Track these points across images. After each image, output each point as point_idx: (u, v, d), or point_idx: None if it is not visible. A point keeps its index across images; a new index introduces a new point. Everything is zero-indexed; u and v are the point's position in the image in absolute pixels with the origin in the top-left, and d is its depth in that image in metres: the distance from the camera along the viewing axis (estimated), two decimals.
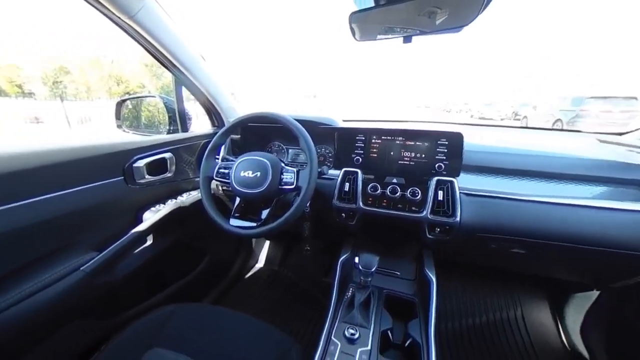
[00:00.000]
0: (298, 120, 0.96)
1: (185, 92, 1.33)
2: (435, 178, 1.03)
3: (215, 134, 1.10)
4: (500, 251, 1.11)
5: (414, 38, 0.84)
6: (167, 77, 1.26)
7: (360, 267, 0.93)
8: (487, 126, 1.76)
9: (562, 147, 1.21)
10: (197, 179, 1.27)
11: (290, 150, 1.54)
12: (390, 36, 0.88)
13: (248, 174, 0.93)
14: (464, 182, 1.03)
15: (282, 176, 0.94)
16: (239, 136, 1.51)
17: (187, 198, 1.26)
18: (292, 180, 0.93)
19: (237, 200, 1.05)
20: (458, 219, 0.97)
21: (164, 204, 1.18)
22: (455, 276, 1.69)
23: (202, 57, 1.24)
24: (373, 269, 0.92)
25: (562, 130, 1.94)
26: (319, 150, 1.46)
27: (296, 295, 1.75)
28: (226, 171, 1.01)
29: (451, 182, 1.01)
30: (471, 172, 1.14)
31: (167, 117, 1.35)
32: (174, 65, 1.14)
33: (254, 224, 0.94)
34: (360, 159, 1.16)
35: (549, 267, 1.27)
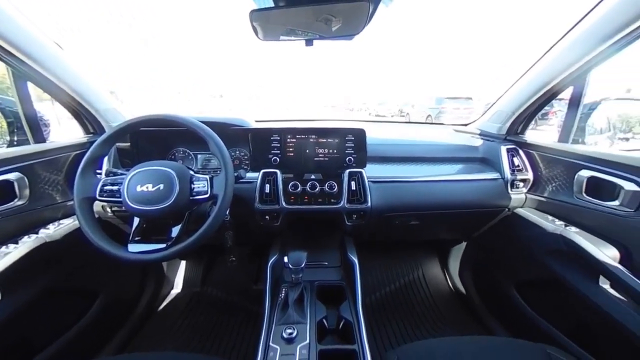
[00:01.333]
0: (206, 123, 0.87)
1: (37, 91, 1.00)
2: (347, 170, 1.15)
3: (91, 142, 0.87)
4: (402, 226, 1.35)
5: (315, 42, 0.92)
6: None
7: (290, 266, 0.94)
8: (381, 122, 2.08)
9: (433, 136, 1.58)
10: (70, 203, 0.98)
11: (199, 156, 1.38)
12: (292, 38, 0.91)
13: (147, 187, 0.78)
14: (369, 171, 1.19)
15: (192, 185, 0.83)
16: (128, 144, 1.25)
17: (57, 230, 0.96)
18: (206, 188, 0.83)
19: (136, 220, 0.87)
20: (369, 204, 1.12)
21: (17, 242, 0.86)
22: (373, 255, 1.94)
23: (57, 45, 0.95)
24: (302, 265, 0.94)
25: (432, 123, 2.55)
26: (232, 154, 1.37)
27: (225, 312, 1.61)
28: (115, 188, 0.82)
29: (360, 173, 1.15)
30: (374, 162, 1.32)
31: (5, 124, 0.98)
32: (8, 53, 0.84)
33: (163, 245, 0.80)
34: (278, 159, 1.16)
35: (435, 231, 1.61)
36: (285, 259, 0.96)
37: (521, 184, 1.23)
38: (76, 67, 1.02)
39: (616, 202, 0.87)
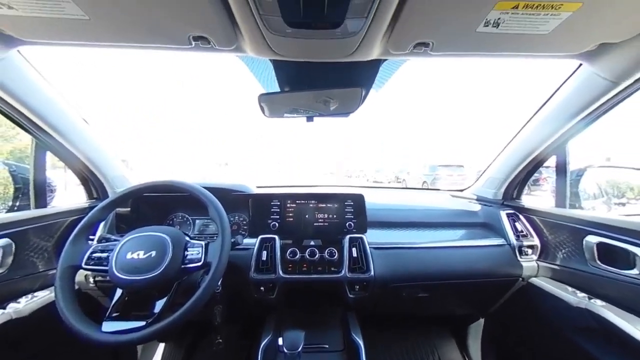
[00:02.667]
0: (208, 189, 0.89)
1: (52, 159, 1.06)
2: (348, 236, 1.12)
3: (92, 208, 0.87)
4: (410, 299, 1.23)
5: (315, 118, 1.03)
6: (23, 139, 0.99)
7: (286, 350, 0.82)
8: (379, 188, 2.13)
9: (431, 201, 1.60)
10: (52, 272, 0.92)
11: (197, 222, 1.37)
12: (295, 115, 1.03)
13: (138, 255, 0.74)
14: (370, 237, 1.16)
15: (186, 252, 0.79)
16: (128, 209, 1.25)
17: (28, 304, 0.87)
18: (200, 255, 0.79)
19: (118, 293, 0.79)
20: (372, 273, 1.05)
21: None
22: (380, 335, 1.70)
23: (84, 120, 1.06)
24: (299, 349, 0.82)
25: (428, 189, 2.64)
26: (231, 219, 1.36)
27: None
28: (104, 255, 0.78)
29: (361, 239, 1.12)
30: (375, 228, 1.29)
31: (12, 189, 1.00)
32: (39, 128, 0.93)
33: (142, 323, 0.71)
34: (277, 224, 1.14)
35: (447, 305, 1.46)
36: (280, 341, 0.84)
37: (530, 251, 1.18)
38: (97, 139, 1.12)
39: (635, 271, 0.82)
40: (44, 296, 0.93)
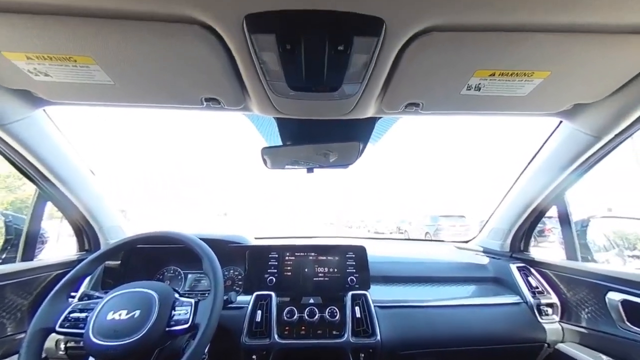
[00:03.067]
0: (204, 240, 0.86)
1: (52, 209, 1.06)
2: (350, 293, 1.04)
3: (80, 260, 0.83)
4: None
5: (315, 170, 1.07)
6: (26, 190, 1.00)
7: None
8: (381, 239, 2.06)
9: (436, 253, 1.52)
10: (20, 337, 0.83)
11: (189, 276, 1.28)
12: (296, 167, 1.07)
13: (120, 315, 0.67)
14: (374, 294, 1.07)
15: (173, 312, 0.72)
16: (118, 262, 1.19)
17: None
18: (187, 316, 0.72)
19: None
20: (379, 337, 0.94)
21: None
22: None
23: (91, 171, 1.09)
24: None
25: (432, 240, 2.55)
26: (226, 273, 1.27)
27: None
28: (82, 315, 0.71)
29: (365, 296, 1.03)
30: (378, 283, 1.21)
31: (1, 241, 0.97)
32: (46, 179, 0.95)
33: None
34: (274, 279, 1.07)
35: None
36: None
37: (550, 310, 1.07)
38: (99, 190, 1.13)
39: None
40: None
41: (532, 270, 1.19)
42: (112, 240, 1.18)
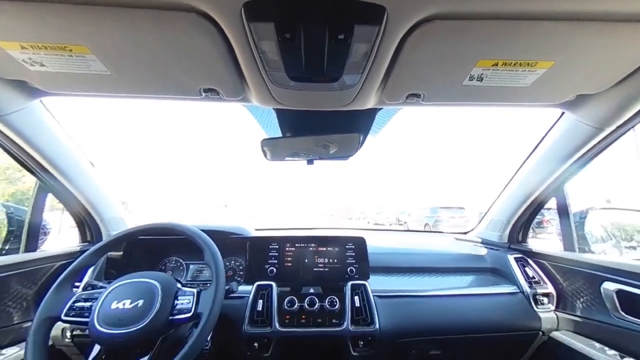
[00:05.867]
0: (205, 231, 0.87)
1: (52, 201, 1.06)
2: (350, 283, 1.05)
3: (83, 251, 0.84)
4: (421, 356, 1.10)
5: (315, 161, 1.06)
6: (27, 182, 1.00)
7: None
8: (381, 230, 2.08)
9: (435, 244, 1.54)
10: (26, 325, 0.85)
11: (191, 267, 1.30)
12: (296, 159, 1.07)
13: (124, 304, 0.69)
14: (373, 284, 1.08)
15: (175, 302, 0.74)
16: (120, 253, 1.20)
17: None
18: (190, 305, 0.73)
19: (96, 350, 0.71)
20: (377, 326, 0.96)
21: None
22: None
23: (90, 163, 1.09)
24: None
25: (431, 232, 2.57)
26: (227, 264, 1.29)
27: None
28: (87, 305, 0.72)
29: (364, 286, 1.05)
30: (377, 273, 1.22)
31: (5, 232, 0.98)
32: (46, 170, 0.95)
33: None
34: (275, 270, 1.08)
35: None
36: None
37: (545, 300, 1.09)
38: (100, 181, 1.13)
39: None
40: (12, 354, 0.83)
41: (530, 260, 1.20)
42: (113, 231, 1.19)
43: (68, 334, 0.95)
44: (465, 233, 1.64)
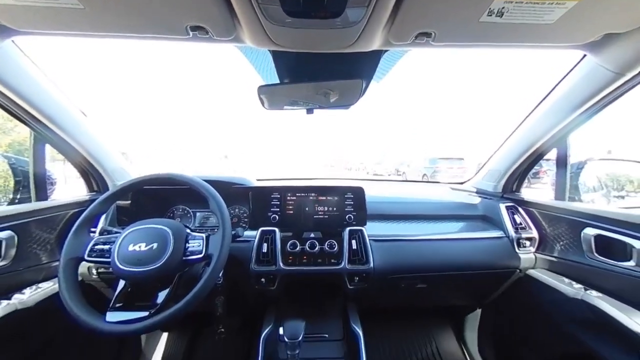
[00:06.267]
0: (208, 182, 0.89)
1: (52, 152, 1.06)
2: (348, 228, 1.13)
3: (92, 200, 0.88)
4: (408, 290, 1.24)
5: (315, 111, 1.02)
6: (21, 132, 0.98)
7: (286, 339, 0.83)
8: (379, 181, 2.13)
9: (431, 194, 1.60)
10: (55, 264, 0.93)
11: (197, 214, 1.38)
12: (295, 107, 1.02)
13: (140, 247, 0.75)
14: (370, 229, 1.16)
15: (187, 245, 0.80)
16: (128, 202, 1.25)
17: (32, 295, 0.88)
18: (201, 248, 0.80)
19: (121, 284, 0.80)
20: (372, 265, 1.06)
21: None
22: (379, 325, 1.73)
23: (82, 112, 1.05)
24: (300, 338, 0.84)
25: (428, 182, 2.65)
26: (232, 211, 1.36)
27: None
28: (106, 247, 0.79)
29: (361, 231, 1.12)
30: (374, 220, 1.30)
31: (12, 182, 1.00)
32: (37, 120, 0.92)
33: (146, 313, 0.72)
34: (277, 217, 1.14)
35: (445, 296, 1.48)
36: (281, 330, 0.86)
37: (528, 243, 1.19)
38: (95, 132, 1.11)
39: (631, 263, 0.83)
40: (48, 287, 0.94)
41: (520, 209, 1.26)
42: (118, 182, 1.22)
43: (94, 271, 1.06)
44: (461, 183, 1.69)
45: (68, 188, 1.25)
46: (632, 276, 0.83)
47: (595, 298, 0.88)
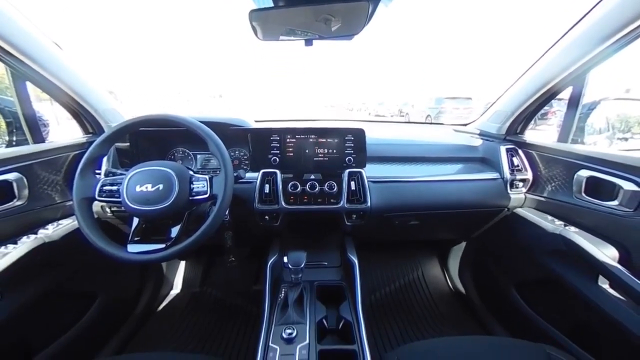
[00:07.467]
0: (205, 123, 0.87)
1: (36, 91, 1.00)
2: (347, 170, 1.15)
3: (90, 143, 0.87)
4: (402, 226, 1.35)
5: (314, 42, 0.92)
6: None
7: (290, 266, 0.94)
8: (381, 122, 2.07)
9: (432, 136, 1.58)
10: (69, 204, 0.98)
11: (198, 156, 1.38)
12: (292, 38, 0.91)
13: (146, 187, 0.78)
14: (369, 171, 1.19)
15: (192, 186, 0.83)
16: (127, 144, 1.24)
17: (56, 230, 0.95)
18: (205, 188, 0.83)
19: (136, 221, 0.86)
20: (369, 204, 1.12)
21: (16, 243, 0.85)
22: (373, 256, 1.94)
23: (56, 45, 0.95)
24: (302, 265, 0.94)
25: (431, 123, 2.57)
26: (232, 154, 1.37)
27: (225, 312, 1.61)
28: (114, 188, 0.82)
29: (360, 173, 1.15)
30: (374, 162, 1.32)
31: (3, 123, 0.98)
32: (6, 52, 0.83)
33: (162, 246, 0.80)
34: (278, 159, 1.15)
35: (435, 231, 1.62)
36: (285, 259, 0.96)
37: (520, 184, 1.23)
38: (75, 67, 1.02)
39: (615, 202, 0.87)
40: (68, 224, 1.01)
41: (520, 151, 1.26)
42: (112, 123, 1.18)
43: (108, 210, 1.12)
44: (465, 125, 1.64)
45: (62, 130, 1.23)
46: (612, 214, 0.88)
47: (572, 233, 0.96)
